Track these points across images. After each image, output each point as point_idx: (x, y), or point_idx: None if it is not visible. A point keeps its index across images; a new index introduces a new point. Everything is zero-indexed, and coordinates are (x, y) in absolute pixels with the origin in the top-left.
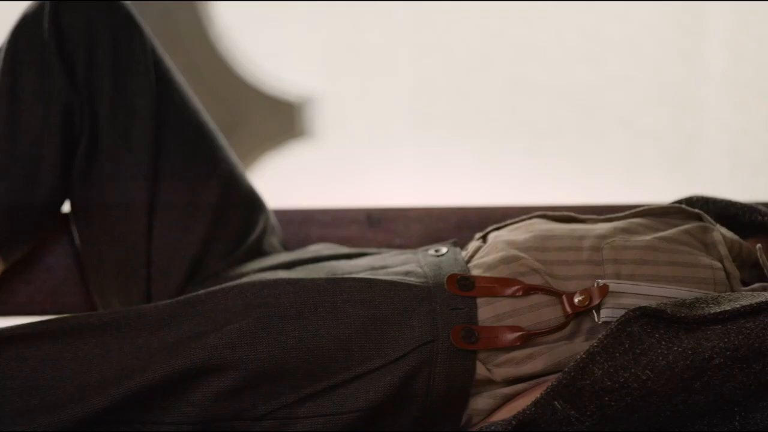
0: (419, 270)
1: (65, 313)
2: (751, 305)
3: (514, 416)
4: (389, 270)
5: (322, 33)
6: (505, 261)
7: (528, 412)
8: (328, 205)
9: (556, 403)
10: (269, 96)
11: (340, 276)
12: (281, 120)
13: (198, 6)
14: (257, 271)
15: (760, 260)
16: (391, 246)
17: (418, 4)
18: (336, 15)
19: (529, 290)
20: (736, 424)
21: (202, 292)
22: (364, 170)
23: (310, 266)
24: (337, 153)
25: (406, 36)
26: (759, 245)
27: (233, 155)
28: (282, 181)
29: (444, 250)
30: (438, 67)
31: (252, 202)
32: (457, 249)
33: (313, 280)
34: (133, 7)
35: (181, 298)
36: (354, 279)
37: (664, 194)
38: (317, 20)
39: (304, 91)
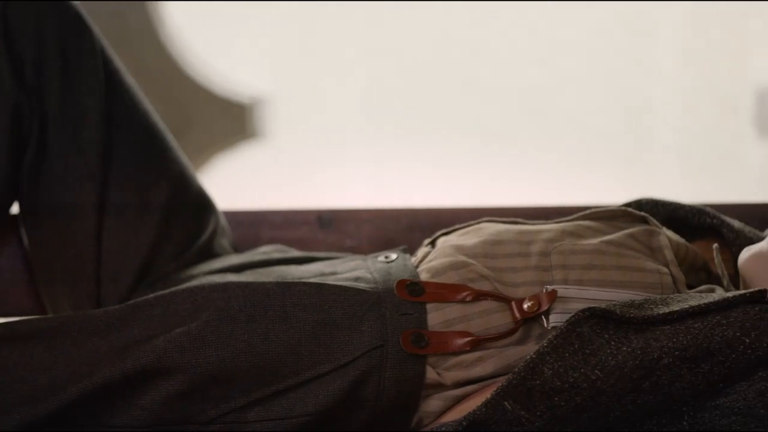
0: (369, 276)
1: (13, 316)
2: (699, 306)
3: (465, 417)
4: (339, 276)
5: (274, 33)
6: (454, 267)
7: (478, 412)
8: (278, 207)
9: (506, 403)
10: (220, 97)
11: (290, 280)
12: (232, 121)
13: (148, 6)
14: (207, 274)
15: (716, 259)
16: (342, 247)
17: (370, 4)
18: (288, 15)
19: (479, 296)
20: (685, 423)
21: (151, 296)
22: (315, 171)
23: (260, 270)
24: (288, 154)
25: (357, 37)
26: (715, 245)
27: (184, 156)
28: (233, 183)
29: (394, 256)
30: (389, 68)
31: (202, 203)
32: (407, 255)
33: (263, 284)
34: (82, 8)
35: (131, 302)
36: (304, 283)
37: (615, 196)
38: (269, 21)
39: (255, 92)
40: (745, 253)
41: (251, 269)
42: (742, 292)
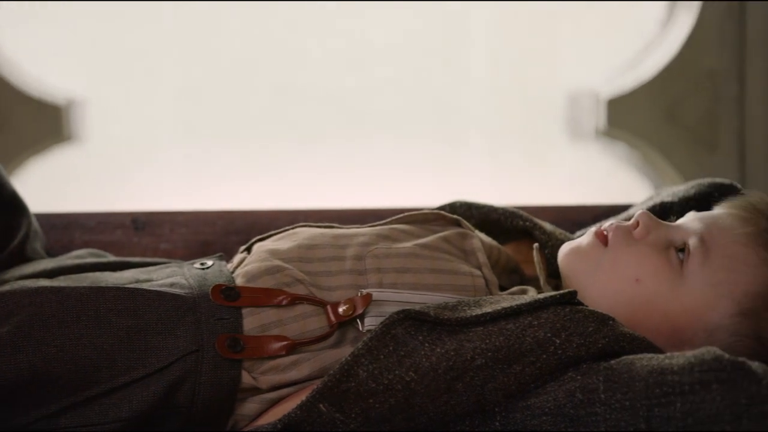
0: (184, 282)
1: None
2: (511, 307)
3: (280, 420)
4: (154, 282)
5: (88, 35)
6: (270, 271)
7: (293, 415)
8: (92, 210)
9: (321, 405)
10: (34, 98)
11: (104, 285)
12: (46, 123)
13: None
14: (19, 279)
15: (535, 259)
16: (157, 250)
17: (185, 5)
18: (102, 16)
19: (294, 300)
20: (497, 424)
21: None
22: (130, 174)
23: (74, 276)
24: (102, 156)
25: (172, 38)
26: (536, 244)
27: None
28: (46, 185)
29: (209, 263)
30: (205, 70)
31: (14, 206)
32: (223, 262)
33: (75, 288)
34: None
35: None
36: (118, 288)
37: (429, 198)
38: (83, 21)
39: (70, 94)
40: (565, 248)
41: (64, 274)
42: (552, 293)
